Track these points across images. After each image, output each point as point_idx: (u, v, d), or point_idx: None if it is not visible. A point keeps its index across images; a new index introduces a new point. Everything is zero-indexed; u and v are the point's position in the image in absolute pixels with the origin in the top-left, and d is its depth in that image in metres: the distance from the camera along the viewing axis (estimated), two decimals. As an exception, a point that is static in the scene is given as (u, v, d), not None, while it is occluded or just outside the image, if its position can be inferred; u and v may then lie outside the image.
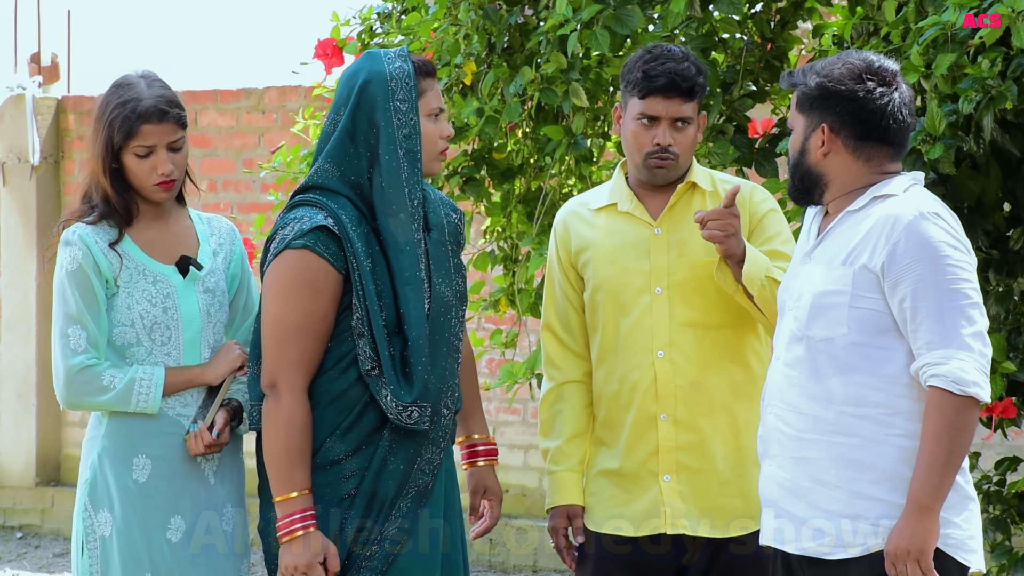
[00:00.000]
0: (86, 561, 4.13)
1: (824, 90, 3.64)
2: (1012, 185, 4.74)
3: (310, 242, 3.88)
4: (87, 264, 4.09)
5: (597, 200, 4.22)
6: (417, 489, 3.96)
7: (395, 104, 3.95)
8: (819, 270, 3.65)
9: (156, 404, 4.09)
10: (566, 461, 4.18)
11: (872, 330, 3.58)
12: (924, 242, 3.53)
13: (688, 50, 4.15)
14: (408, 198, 3.94)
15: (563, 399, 4.20)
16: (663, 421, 4.09)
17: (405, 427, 3.90)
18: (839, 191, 3.67)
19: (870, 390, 3.58)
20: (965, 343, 3.49)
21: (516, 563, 8.86)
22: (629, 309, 4.11)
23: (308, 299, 3.88)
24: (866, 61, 3.65)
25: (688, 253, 4.11)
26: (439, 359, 3.98)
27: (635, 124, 4.08)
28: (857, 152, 3.65)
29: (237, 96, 10.27)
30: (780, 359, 3.72)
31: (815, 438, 3.62)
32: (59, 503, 10.46)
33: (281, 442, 3.88)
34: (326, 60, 6.11)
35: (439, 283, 4.00)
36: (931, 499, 3.49)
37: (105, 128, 4.11)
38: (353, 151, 3.96)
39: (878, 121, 3.62)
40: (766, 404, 3.75)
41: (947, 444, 3.48)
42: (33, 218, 10.55)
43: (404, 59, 3.98)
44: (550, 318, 4.23)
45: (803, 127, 3.69)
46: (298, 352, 3.88)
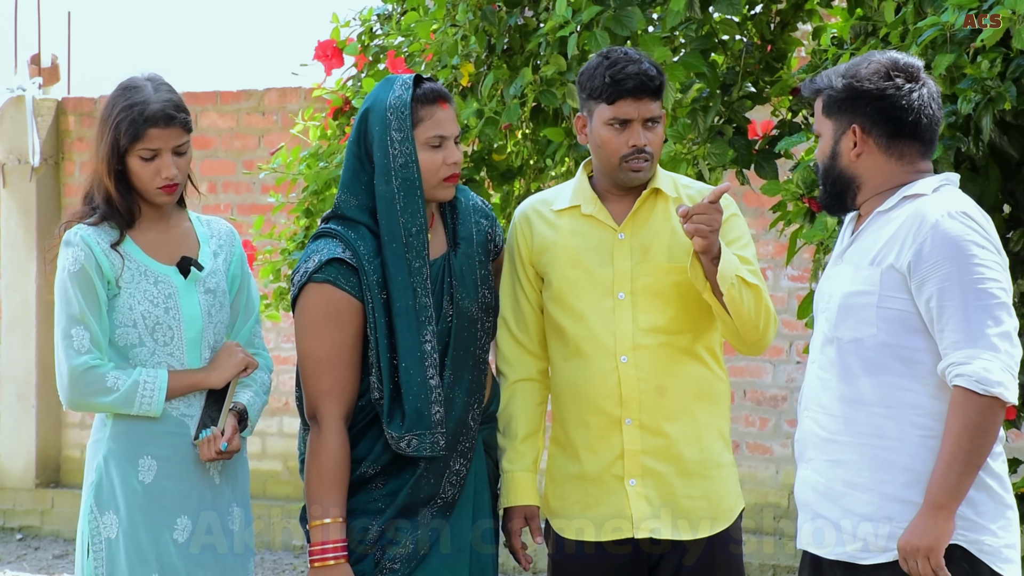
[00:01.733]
0: (91, 563, 4.14)
1: (853, 90, 3.63)
2: (1012, 187, 4.73)
3: (331, 276, 4.00)
4: (89, 265, 4.10)
5: (559, 201, 4.22)
6: (444, 502, 4.08)
7: (391, 135, 4.03)
8: (848, 271, 3.65)
9: (159, 408, 4.10)
10: (521, 460, 4.19)
11: (901, 330, 3.57)
12: (950, 241, 3.52)
13: (640, 51, 4.17)
14: (403, 228, 4.02)
15: (516, 398, 4.21)
16: (628, 425, 4.11)
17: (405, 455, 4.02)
18: (871, 192, 3.67)
19: (900, 391, 3.57)
20: (991, 343, 3.48)
21: (514, 564, 8.85)
22: (591, 313, 4.12)
23: (334, 331, 4.01)
24: (891, 59, 3.65)
25: (651, 258, 4.12)
26: (464, 373, 4.09)
27: (607, 130, 4.08)
28: (890, 151, 3.65)
29: (237, 97, 10.27)
30: (815, 362, 3.72)
31: (848, 440, 3.62)
32: (59, 505, 10.45)
33: (315, 469, 4.01)
34: (326, 61, 6.11)
35: (462, 298, 4.10)
36: (947, 498, 3.49)
37: (111, 130, 4.12)
38: (365, 179, 4.07)
39: (909, 117, 3.62)
40: (802, 408, 3.75)
41: (967, 444, 3.47)
42: (33, 219, 10.55)
43: (406, 88, 4.05)
44: (506, 313, 4.24)
45: (832, 131, 3.68)
46: (331, 382, 4.01)
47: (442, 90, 4.09)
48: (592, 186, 4.20)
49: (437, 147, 4.05)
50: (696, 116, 5.19)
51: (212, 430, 4.12)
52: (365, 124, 4.07)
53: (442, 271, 4.09)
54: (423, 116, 4.04)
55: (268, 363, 4.36)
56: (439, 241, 4.13)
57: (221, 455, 4.13)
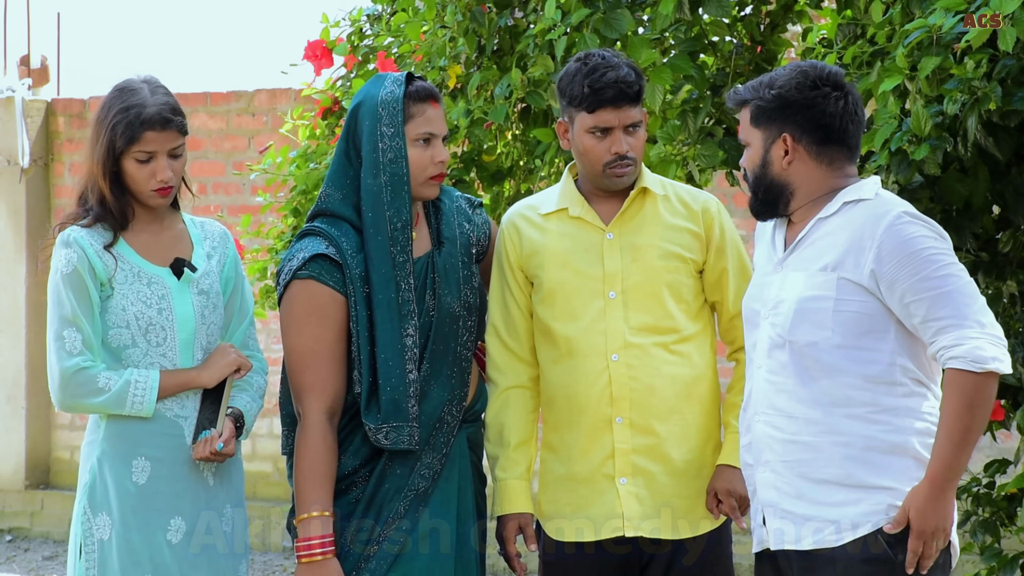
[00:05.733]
0: (83, 564, 4.14)
1: (783, 100, 3.73)
2: (1000, 188, 4.74)
3: (315, 272, 4.02)
4: (82, 267, 4.10)
5: (546, 205, 4.23)
6: (415, 493, 4.07)
7: (381, 129, 4.04)
8: (799, 277, 3.72)
9: (150, 407, 4.10)
10: (514, 468, 4.19)
11: (855, 332, 3.66)
12: (906, 239, 3.63)
13: (617, 52, 4.17)
14: (388, 222, 4.04)
15: (508, 406, 4.21)
16: (618, 424, 4.11)
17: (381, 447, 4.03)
18: (805, 198, 3.76)
19: (856, 390, 3.67)
20: (976, 320, 3.59)
21: (504, 566, 8.85)
22: (582, 313, 4.13)
23: (317, 326, 4.02)
24: (816, 68, 3.75)
25: (641, 257, 4.14)
26: (443, 368, 4.10)
27: (588, 138, 4.09)
28: (820, 157, 3.74)
29: (227, 99, 10.26)
30: (762, 367, 3.77)
31: (809, 440, 3.69)
32: (48, 506, 10.44)
33: (300, 464, 4.03)
34: (315, 62, 6.11)
35: (445, 295, 4.11)
36: (952, 474, 3.59)
37: (107, 132, 4.11)
38: (351, 174, 4.08)
39: (837, 124, 3.73)
40: (752, 413, 3.80)
41: (968, 421, 3.56)
42: (23, 220, 10.53)
43: (398, 84, 4.06)
44: (495, 320, 4.24)
45: (762, 140, 3.77)
46: (313, 377, 4.02)
47: (433, 89, 4.11)
48: (578, 188, 4.21)
49: (426, 145, 4.07)
50: (686, 117, 5.20)
51: (211, 431, 4.12)
52: (355, 119, 4.09)
53: (426, 268, 4.10)
54: (414, 113, 4.06)
55: (263, 365, 4.36)
56: (423, 240, 4.15)
57: (215, 456, 4.12)
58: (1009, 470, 5.43)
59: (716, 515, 4.14)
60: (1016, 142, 4.57)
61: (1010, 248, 4.84)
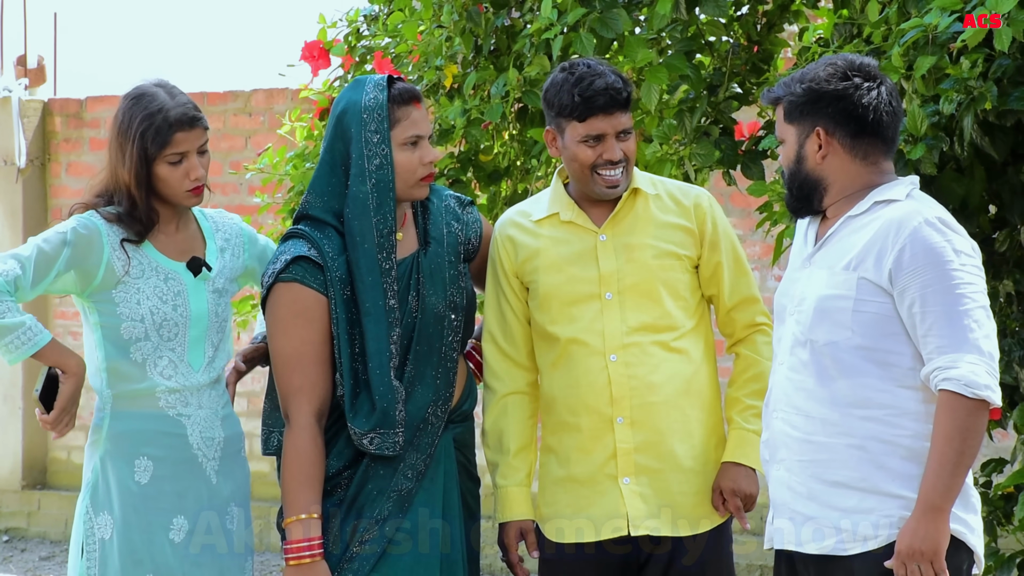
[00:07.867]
0: (84, 564, 4.14)
1: (813, 94, 3.67)
2: (997, 187, 4.75)
3: (297, 275, 4.02)
4: (94, 245, 4.08)
5: (537, 211, 4.24)
6: (399, 494, 4.07)
7: (366, 135, 4.04)
8: (822, 275, 3.68)
9: (15, 359, 4.04)
10: (514, 475, 4.20)
11: (876, 333, 3.61)
12: (929, 249, 3.56)
13: (602, 60, 4.17)
14: (375, 228, 4.04)
15: (507, 412, 4.22)
16: (619, 424, 4.11)
17: None
18: (839, 194, 3.71)
19: (876, 392, 3.62)
20: (975, 346, 3.53)
21: (502, 565, 8.85)
22: (579, 315, 4.14)
23: (303, 328, 4.02)
24: (847, 60, 3.69)
25: (636, 257, 4.14)
26: (428, 368, 4.09)
27: (580, 147, 4.09)
28: (854, 150, 3.68)
29: (224, 99, 10.26)
30: (784, 363, 3.74)
31: (824, 440, 3.66)
32: (45, 506, 10.43)
33: (288, 467, 4.03)
34: (312, 62, 6.11)
35: (430, 295, 4.10)
36: (942, 499, 3.53)
37: (136, 141, 4.11)
38: (335, 181, 4.08)
39: (871, 115, 3.65)
40: (771, 409, 3.77)
41: (958, 445, 3.52)
42: (19, 220, 10.53)
43: (381, 89, 4.06)
44: (492, 327, 4.24)
45: (796, 136, 3.72)
46: (300, 379, 4.02)
47: (415, 90, 4.11)
48: (568, 193, 4.21)
49: (414, 147, 4.06)
50: (682, 117, 5.20)
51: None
52: (341, 126, 4.08)
53: (410, 269, 4.10)
54: (400, 117, 4.06)
55: None
56: (410, 240, 4.15)
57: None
58: (1006, 469, 5.43)
59: (722, 512, 4.13)
60: (1012, 141, 4.58)
61: (1007, 247, 4.85)
